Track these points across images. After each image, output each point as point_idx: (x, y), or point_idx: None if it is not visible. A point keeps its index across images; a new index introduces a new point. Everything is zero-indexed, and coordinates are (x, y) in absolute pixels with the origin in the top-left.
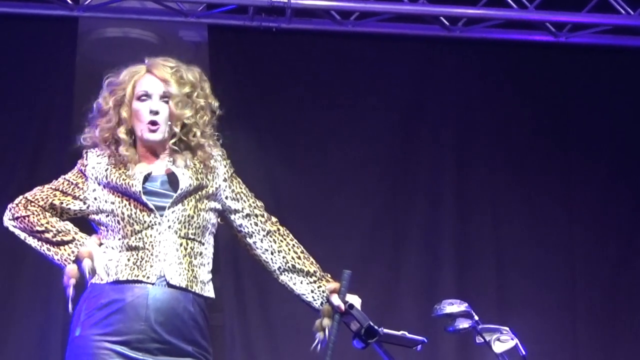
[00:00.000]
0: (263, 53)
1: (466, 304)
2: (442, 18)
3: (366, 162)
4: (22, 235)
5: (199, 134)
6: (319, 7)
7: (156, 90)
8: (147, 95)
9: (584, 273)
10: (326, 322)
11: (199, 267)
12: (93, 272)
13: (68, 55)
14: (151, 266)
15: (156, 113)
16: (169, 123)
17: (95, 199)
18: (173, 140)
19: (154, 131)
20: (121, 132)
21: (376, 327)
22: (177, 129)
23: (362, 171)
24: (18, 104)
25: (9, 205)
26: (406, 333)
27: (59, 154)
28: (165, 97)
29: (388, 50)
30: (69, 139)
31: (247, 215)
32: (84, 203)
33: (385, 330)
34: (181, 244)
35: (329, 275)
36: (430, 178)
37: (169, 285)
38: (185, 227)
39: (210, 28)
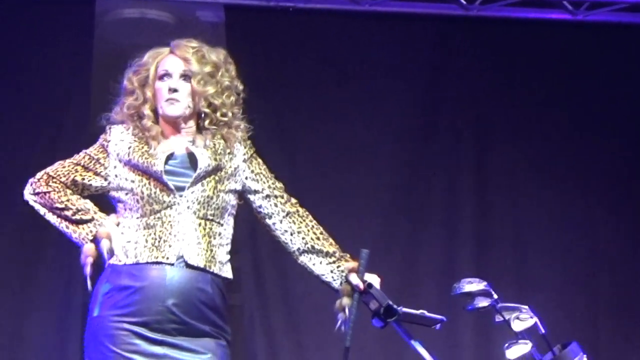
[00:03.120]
0: (280, 33)
1: (485, 283)
2: None
3: (384, 141)
4: (42, 210)
5: (230, 114)
6: None
7: (176, 69)
8: (168, 75)
9: (604, 251)
10: (346, 301)
11: (218, 248)
12: (111, 252)
13: (85, 37)
14: (170, 246)
15: (175, 91)
16: (190, 100)
17: (116, 175)
18: (207, 121)
19: (172, 104)
20: (146, 109)
21: (395, 306)
22: (204, 108)
23: (380, 149)
24: (37, 86)
25: (31, 180)
26: (425, 312)
27: (78, 134)
28: (186, 75)
29: (405, 30)
30: (87, 119)
31: (267, 196)
32: (105, 179)
33: (405, 309)
34: (200, 224)
35: (348, 255)
36: (449, 156)
37: (188, 266)
38: (204, 208)
39: (227, 8)
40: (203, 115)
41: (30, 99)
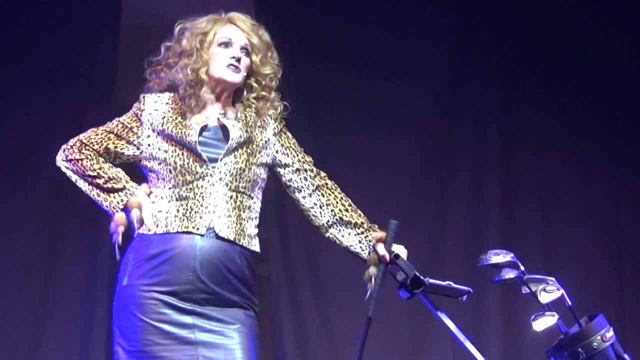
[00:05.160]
0: (308, 4)
1: (512, 254)
2: None
3: (412, 115)
4: (74, 177)
5: (273, 92)
6: None
7: (238, 40)
8: (230, 43)
9: (630, 224)
10: (373, 270)
11: (247, 221)
12: (141, 222)
13: (112, 7)
14: (200, 217)
15: (238, 60)
16: (245, 74)
17: (149, 145)
18: (253, 95)
19: (235, 72)
20: (203, 73)
21: (422, 277)
22: (256, 84)
23: (407, 123)
24: (63, 57)
25: (63, 146)
26: (452, 283)
27: (104, 104)
28: (245, 49)
29: (432, 4)
30: (113, 90)
31: (297, 170)
32: (138, 148)
33: (431, 281)
34: (231, 197)
35: (377, 226)
36: (475, 129)
37: (217, 237)
38: (236, 180)
39: None
40: (249, 87)
41: (57, 68)
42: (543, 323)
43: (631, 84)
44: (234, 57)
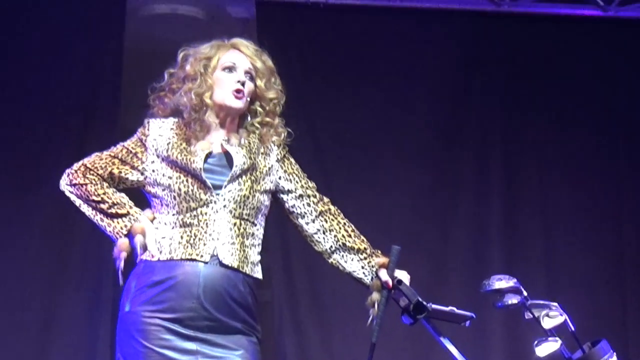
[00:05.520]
0: (311, 29)
1: (515, 280)
2: None
3: (413, 137)
4: (78, 202)
5: (276, 118)
6: None
7: (242, 64)
8: (233, 68)
9: (634, 249)
10: (376, 296)
11: (250, 248)
12: (144, 248)
13: (117, 32)
14: (204, 244)
15: (243, 84)
16: (248, 99)
17: (153, 171)
18: (257, 120)
19: (239, 98)
20: (207, 98)
21: (425, 303)
22: (260, 109)
23: (410, 148)
24: (67, 80)
25: (67, 171)
26: (455, 309)
27: (108, 129)
28: (249, 73)
29: (435, 26)
30: (117, 115)
31: (300, 195)
32: (142, 174)
33: (434, 306)
34: (235, 224)
35: (379, 252)
36: (477, 154)
37: (221, 265)
38: (240, 207)
39: (258, 4)
40: (253, 113)
41: (61, 93)
42: (546, 349)
43: (631, 107)
44: (239, 82)
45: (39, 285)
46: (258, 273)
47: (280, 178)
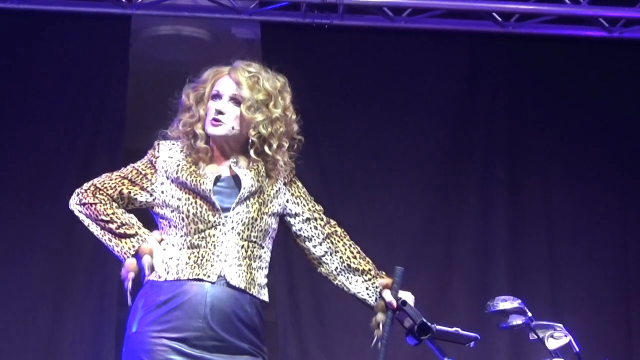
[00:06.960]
0: (316, 50)
1: (519, 301)
2: (494, 14)
3: (418, 158)
4: (86, 221)
5: (275, 145)
6: (371, 4)
7: (227, 91)
8: (219, 96)
9: (638, 266)
10: (380, 317)
11: (257, 271)
12: (152, 269)
13: (121, 53)
14: (212, 265)
15: (220, 112)
16: (237, 123)
17: (162, 192)
18: (252, 150)
19: (215, 125)
20: (198, 128)
21: (429, 324)
22: (253, 137)
23: (414, 167)
24: (72, 102)
25: (77, 190)
26: (459, 329)
27: (114, 150)
28: (235, 99)
29: (440, 47)
30: (122, 135)
31: (307, 219)
32: (151, 195)
33: (438, 327)
34: (242, 246)
35: (384, 273)
36: (482, 174)
37: (228, 285)
38: (248, 230)
39: (263, 25)
40: (250, 142)
41: (66, 114)
42: None
43: (635, 126)
44: (216, 111)
45: (44, 305)
46: (265, 295)
47: (287, 201)
